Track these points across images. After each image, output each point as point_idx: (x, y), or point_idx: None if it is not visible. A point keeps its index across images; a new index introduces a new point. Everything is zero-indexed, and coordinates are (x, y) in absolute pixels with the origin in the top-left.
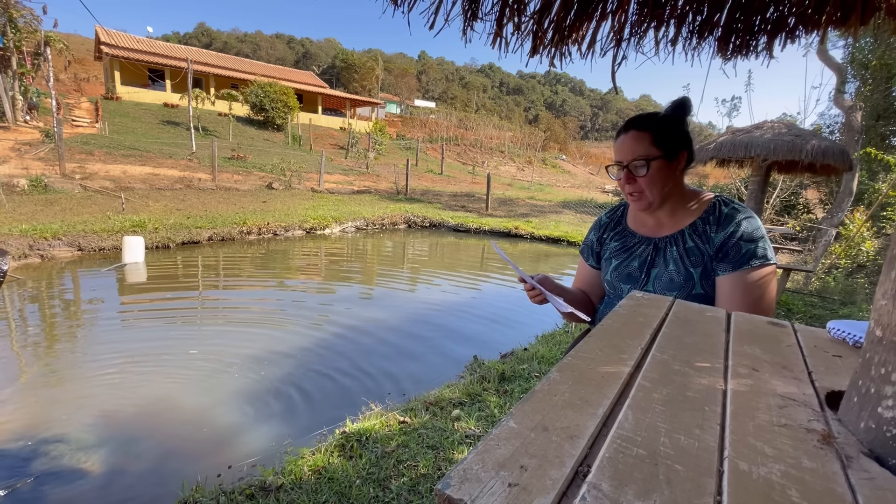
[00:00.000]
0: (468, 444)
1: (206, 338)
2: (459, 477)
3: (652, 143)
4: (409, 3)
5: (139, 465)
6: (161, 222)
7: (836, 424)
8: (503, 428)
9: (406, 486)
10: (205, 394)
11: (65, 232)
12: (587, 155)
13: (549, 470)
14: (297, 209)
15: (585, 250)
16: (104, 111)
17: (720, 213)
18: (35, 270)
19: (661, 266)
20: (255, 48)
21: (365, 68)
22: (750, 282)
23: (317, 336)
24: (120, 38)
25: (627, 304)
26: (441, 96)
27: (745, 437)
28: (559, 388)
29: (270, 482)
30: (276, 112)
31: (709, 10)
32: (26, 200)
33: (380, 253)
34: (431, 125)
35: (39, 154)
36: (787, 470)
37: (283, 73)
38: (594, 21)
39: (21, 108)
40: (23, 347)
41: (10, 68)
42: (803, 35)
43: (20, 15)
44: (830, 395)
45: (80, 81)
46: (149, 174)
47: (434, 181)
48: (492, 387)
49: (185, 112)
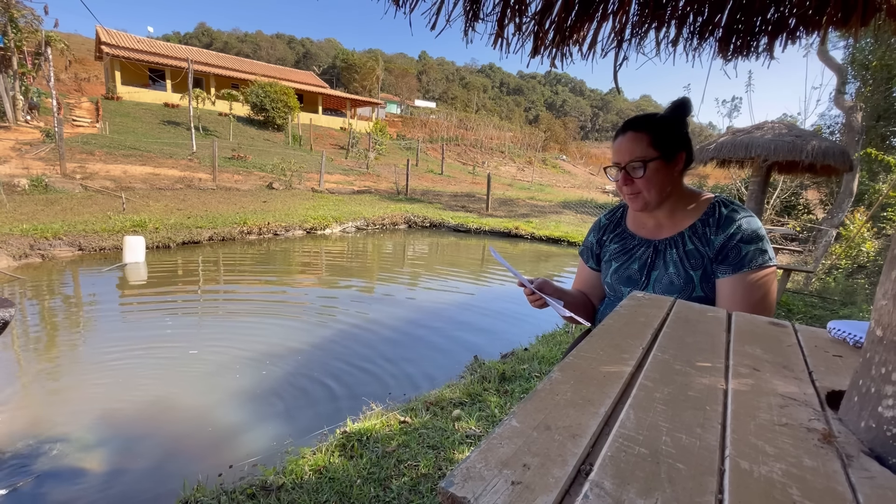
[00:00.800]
0: (469, 444)
1: (207, 337)
2: (463, 475)
3: (649, 144)
4: (411, 3)
5: (140, 465)
6: (161, 222)
7: (836, 424)
8: (506, 427)
9: (407, 486)
10: (205, 393)
11: (65, 232)
12: (587, 155)
13: (551, 468)
14: (298, 209)
15: (585, 252)
16: (105, 111)
17: (720, 214)
18: (36, 270)
19: (660, 268)
20: (256, 48)
21: (365, 68)
22: (750, 284)
23: (317, 336)
24: (120, 38)
25: (628, 304)
26: (441, 96)
27: (746, 437)
28: (561, 388)
29: (271, 482)
30: (276, 112)
31: (710, 11)
32: (27, 200)
33: (380, 253)
34: (432, 125)
35: (40, 154)
36: (788, 469)
37: (284, 73)
38: (595, 22)
39: (22, 108)
40: (23, 347)
41: (10, 68)
42: (804, 36)
43: (21, 15)
44: (831, 394)
45: (81, 81)
46: (149, 174)
47: (434, 181)
48: (492, 387)
49: (185, 112)
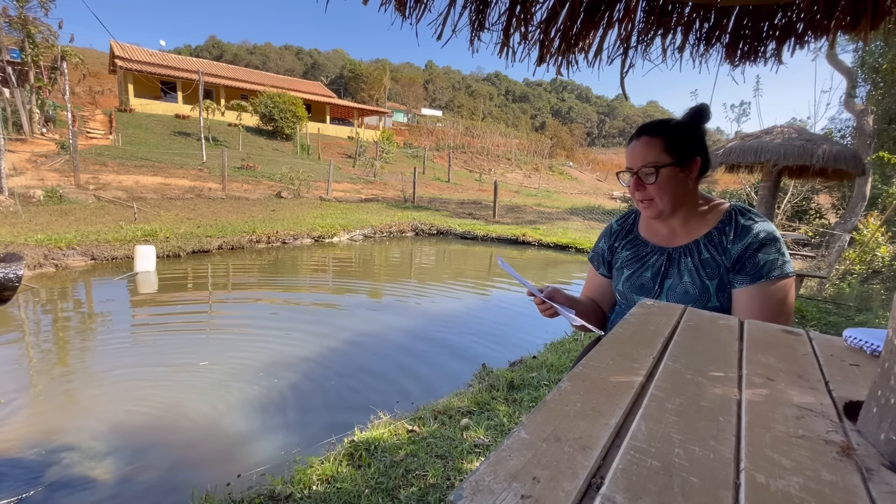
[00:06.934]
0: (477, 453)
1: (216, 346)
2: (472, 488)
3: (664, 149)
4: (418, 14)
5: (149, 474)
6: (172, 231)
7: (855, 436)
8: (515, 438)
9: (415, 496)
10: (214, 402)
11: (78, 241)
12: (594, 161)
13: (561, 482)
14: (306, 218)
15: (596, 259)
16: (118, 123)
17: (737, 223)
18: (49, 279)
19: (675, 277)
20: (265, 60)
21: (372, 78)
22: (768, 294)
23: (325, 344)
24: (133, 52)
25: (638, 312)
26: (448, 105)
27: (761, 449)
28: (571, 398)
29: (279, 491)
30: (284, 122)
31: (716, 17)
32: (42, 211)
33: (387, 261)
34: (438, 133)
35: (55, 165)
36: (806, 483)
37: (292, 83)
38: (601, 29)
39: (38, 121)
40: (36, 356)
41: (27, 82)
42: (812, 40)
43: (38, 31)
44: (849, 405)
45: (95, 94)
46: (160, 184)
47: (441, 189)
48: (500, 395)
49: (196, 123)
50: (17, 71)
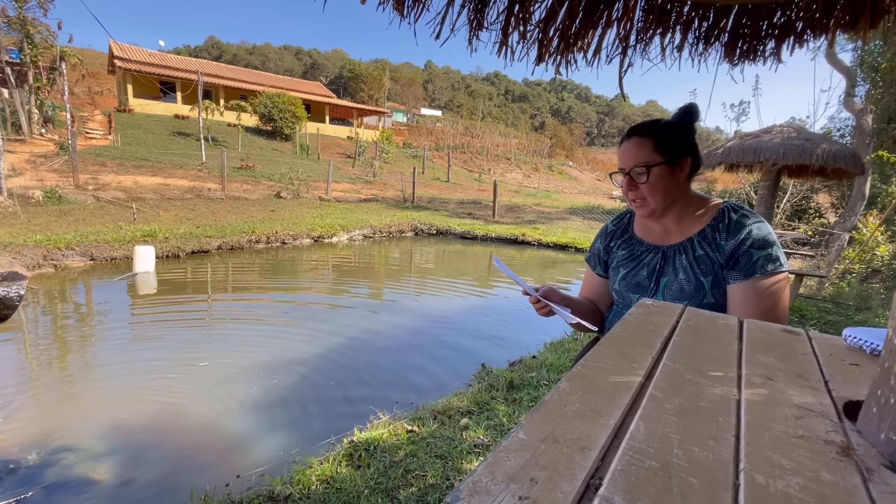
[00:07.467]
0: (477, 453)
1: (216, 347)
2: (469, 490)
3: (653, 149)
4: (416, 13)
5: (148, 475)
6: (171, 232)
7: (855, 436)
8: (513, 439)
9: (414, 497)
10: (213, 403)
11: (78, 242)
12: (594, 161)
13: (559, 483)
14: (305, 218)
15: (592, 259)
16: (117, 123)
17: (729, 220)
18: (48, 280)
19: (670, 275)
20: (264, 60)
21: (372, 78)
22: (762, 290)
23: (324, 345)
24: (132, 52)
25: (637, 311)
26: (447, 104)
27: (761, 449)
28: (569, 399)
29: (279, 492)
30: (284, 122)
31: (715, 16)
32: (41, 211)
33: (387, 261)
34: (438, 133)
35: (54, 166)
36: (806, 483)
37: (291, 83)
38: (599, 29)
39: (37, 122)
40: (35, 356)
41: (26, 83)
42: (812, 39)
43: (37, 31)
44: (848, 405)
45: (94, 94)
46: (159, 184)
47: (441, 189)
48: (500, 395)
49: (195, 123)
50: (16, 71)
